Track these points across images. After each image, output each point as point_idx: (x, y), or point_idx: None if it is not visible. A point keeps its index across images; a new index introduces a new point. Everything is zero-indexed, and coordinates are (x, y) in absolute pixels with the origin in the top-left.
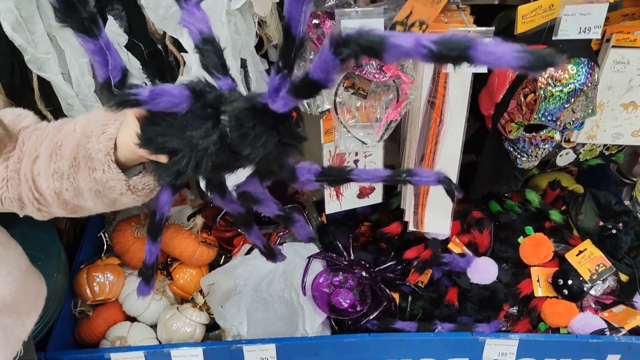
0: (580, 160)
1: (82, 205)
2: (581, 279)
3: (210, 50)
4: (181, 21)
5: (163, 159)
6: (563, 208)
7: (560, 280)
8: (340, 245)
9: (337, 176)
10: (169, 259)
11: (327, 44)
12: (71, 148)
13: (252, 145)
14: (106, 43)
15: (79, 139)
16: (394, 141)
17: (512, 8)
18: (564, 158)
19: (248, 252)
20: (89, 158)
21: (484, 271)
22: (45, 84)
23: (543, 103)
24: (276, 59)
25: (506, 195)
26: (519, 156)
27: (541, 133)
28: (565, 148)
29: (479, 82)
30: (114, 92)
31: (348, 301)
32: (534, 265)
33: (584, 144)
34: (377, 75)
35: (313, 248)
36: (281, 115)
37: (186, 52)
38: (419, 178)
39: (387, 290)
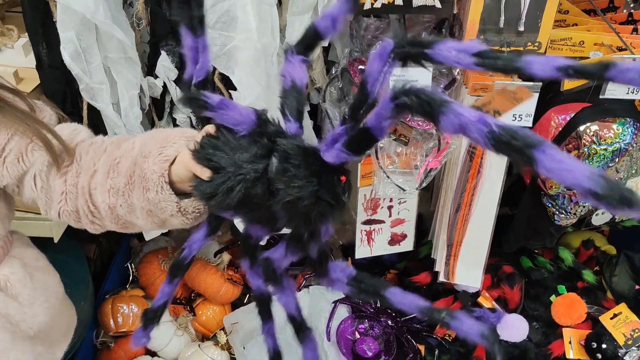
0: (617, 220)
1: (133, 222)
2: (615, 343)
3: (294, 97)
4: (282, 71)
5: (207, 173)
6: (596, 269)
7: (593, 343)
8: None
9: (371, 289)
10: (192, 294)
11: (389, 92)
12: (128, 166)
13: (288, 182)
14: (203, 44)
15: (135, 157)
16: (427, 190)
17: None
18: (600, 217)
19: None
20: (143, 178)
21: (514, 328)
22: (93, 113)
23: (587, 161)
24: (345, 111)
25: (537, 251)
26: (557, 212)
27: None
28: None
29: None
30: (191, 89)
31: (373, 350)
32: (566, 326)
33: None
34: (420, 123)
35: (339, 293)
36: (329, 167)
37: (235, 89)
38: (460, 324)
39: (413, 341)
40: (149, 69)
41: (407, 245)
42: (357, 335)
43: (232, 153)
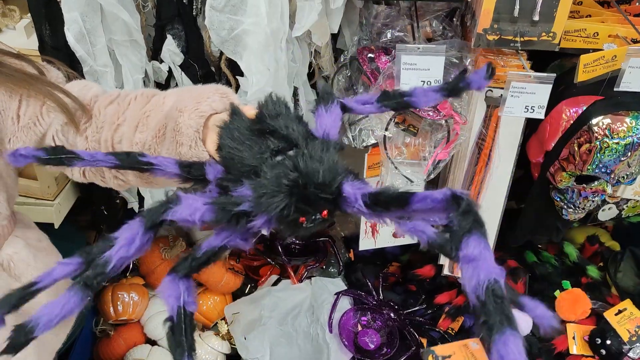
0: (623, 216)
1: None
2: (620, 339)
3: None
4: (316, 119)
5: (215, 156)
6: (600, 264)
7: (598, 339)
8: (369, 283)
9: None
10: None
11: (449, 196)
12: (158, 119)
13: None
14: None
15: (168, 111)
16: (433, 183)
17: (568, 57)
18: (607, 213)
19: (275, 283)
20: (178, 132)
21: (518, 323)
22: None
23: (598, 154)
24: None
25: (541, 246)
26: (565, 207)
27: (592, 185)
28: (608, 203)
29: (528, 129)
30: None
31: (375, 342)
32: (570, 322)
33: (627, 200)
34: (430, 113)
35: (341, 284)
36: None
37: (242, 75)
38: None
39: (415, 334)
40: (154, 54)
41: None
42: (359, 328)
43: (250, 144)
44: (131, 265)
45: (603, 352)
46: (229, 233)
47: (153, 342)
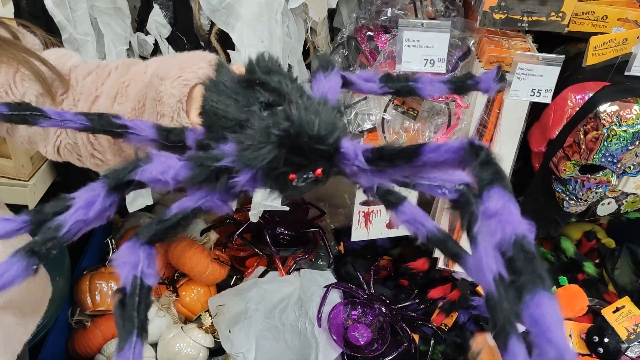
0: (621, 211)
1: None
2: (618, 337)
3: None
4: (312, 84)
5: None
6: (596, 261)
7: (595, 337)
8: (360, 277)
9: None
10: (176, 274)
11: (466, 144)
12: (138, 89)
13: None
14: None
15: (149, 80)
16: None
17: (572, 43)
18: (605, 208)
19: (262, 275)
20: (159, 102)
21: None
22: None
23: (605, 142)
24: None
25: (536, 241)
26: (567, 198)
27: (597, 175)
28: (608, 197)
29: (530, 117)
30: None
31: (365, 338)
32: (567, 319)
33: (627, 195)
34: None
35: (330, 277)
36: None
37: (232, 49)
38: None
39: (407, 330)
40: (139, 25)
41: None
42: (349, 322)
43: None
44: (111, 253)
45: (601, 350)
46: (205, 193)
47: None
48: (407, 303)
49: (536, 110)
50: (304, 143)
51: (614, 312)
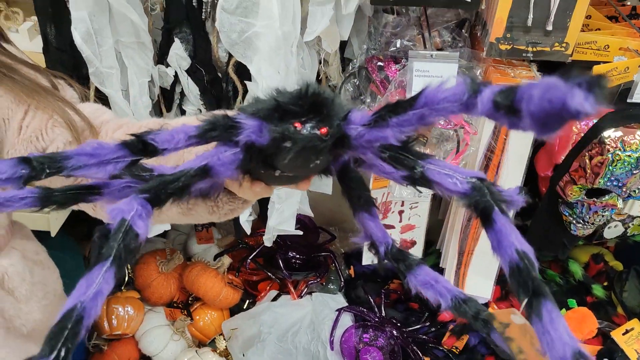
0: (628, 234)
1: None
2: None
3: None
4: None
5: None
6: (605, 284)
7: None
8: (371, 300)
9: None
10: (190, 298)
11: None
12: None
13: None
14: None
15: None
16: (435, 198)
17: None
18: (612, 230)
19: (274, 299)
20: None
21: None
22: (101, 101)
23: (610, 167)
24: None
25: (544, 265)
26: (574, 222)
27: (603, 199)
28: (614, 220)
29: (536, 142)
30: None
31: None
32: None
33: (633, 218)
34: (441, 122)
35: (342, 301)
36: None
37: (249, 80)
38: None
39: (419, 352)
40: (160, 58)
41: (416, 252)
42: (361, 345)
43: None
44: (127, 278)
45: None
46: (212, 152)
47: (148, 359)
48: (418, 326)
49: None
50: (313, 99)
51: (623, 334)
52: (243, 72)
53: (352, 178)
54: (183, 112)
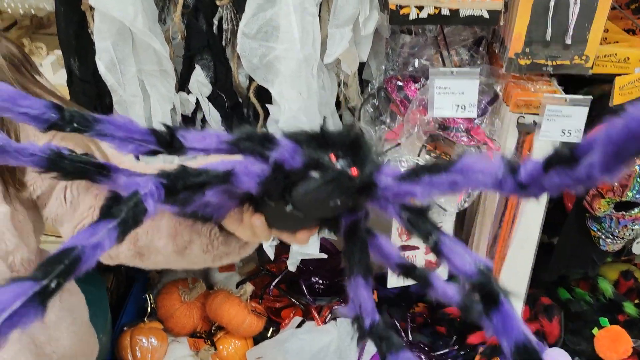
0: None
1: (153, 245)
2: None
3: None
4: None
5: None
6: (636, 301)
7: None
8: (397, 324)
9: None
10: (213, 328)
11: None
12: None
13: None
14: None
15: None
16: (458, 217)
17: (596, 85)
18: None
19: (299, 326)
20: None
21: None
22: None
23: (638, 179)
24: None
25: (573, 283)
26: (603, 237)
27: (632, 212)
28: None
29: None
30: None
31: None
32: None
33: None
34: (464, 139)
35: None
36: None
37: (271, 103)
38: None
39: None
40: (181, 85)
41: (442, 274)
42: None
43: None
44: (149, 309)
45: None
46: (240, 162)
47: None
48: (446, 350)
49: None
50: (354, 140)
51: None
52: (263, 97)
53: (359, 238)
54: None
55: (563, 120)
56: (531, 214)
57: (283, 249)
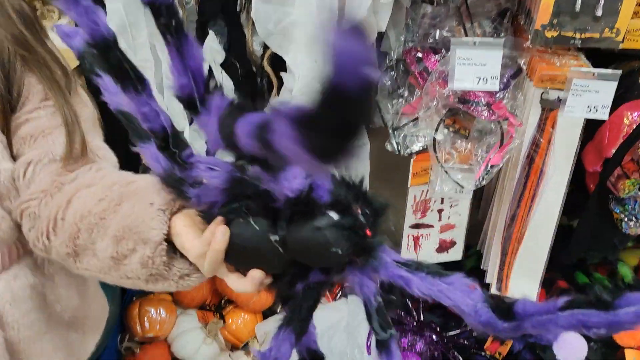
0: None
1: (92, 246)
2: None
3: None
4: None
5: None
6: None
7: None
8: (409, 303)
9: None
10: (222, 301)
11: None
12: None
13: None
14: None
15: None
16: (475, 197)
17: (624, 61)
18: None
19: None
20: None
21: (572, 348)
22: None
23: None
24: None
25: (591, 267)
26: (626, 219)
27: None
28: None
29: (583, 136)
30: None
31: None
32: (629, 347)
33: None
34: (485, 113)
35: None
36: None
37: (285, 71)
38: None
39: (460, 358)
40: None
41: (456, 253)
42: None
43: None
44: None
45: None
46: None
47: None
48: (458, 331)
49: (590, 129)
50: (378, 210)
51: None
52: (278, 65)
53: (314, 301)
54: None
55: (590, 96)
56: (552, 194)
57: None
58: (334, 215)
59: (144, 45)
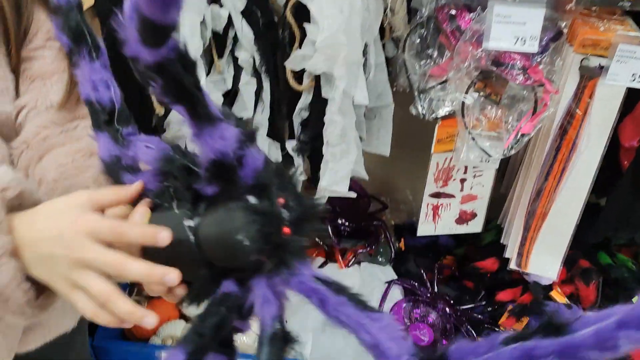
0: None
1: None
2: None
3: None
4: None
5: None
6: None
7: None
8: (424, 275)
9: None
10: None
11: None
12: None
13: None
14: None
15: None
16: (498, 170)
17: None
18: None
19: (321, 267)
20: None
21: None
22: None
23: None
24: None
25: (614, 248)
26: None
27: None
28: None
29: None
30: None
31: (427, 338)
32: None
33: None
34: (519, 77)
35: (391, 273)
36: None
37: (308, 21)
38: None
39: (474, 332)
40: None
41: (476, 226)
42: (411, 321)
43: None
44: None
45: None
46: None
47: (187, 319)
48: (472, 305)
49: (629, 102)
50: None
51: None
52: (301, 15)
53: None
54: (235, 59)
55: (635, 63)
56: (582, 169)
57: (310, 186)
58: (252, 199)
59: None
